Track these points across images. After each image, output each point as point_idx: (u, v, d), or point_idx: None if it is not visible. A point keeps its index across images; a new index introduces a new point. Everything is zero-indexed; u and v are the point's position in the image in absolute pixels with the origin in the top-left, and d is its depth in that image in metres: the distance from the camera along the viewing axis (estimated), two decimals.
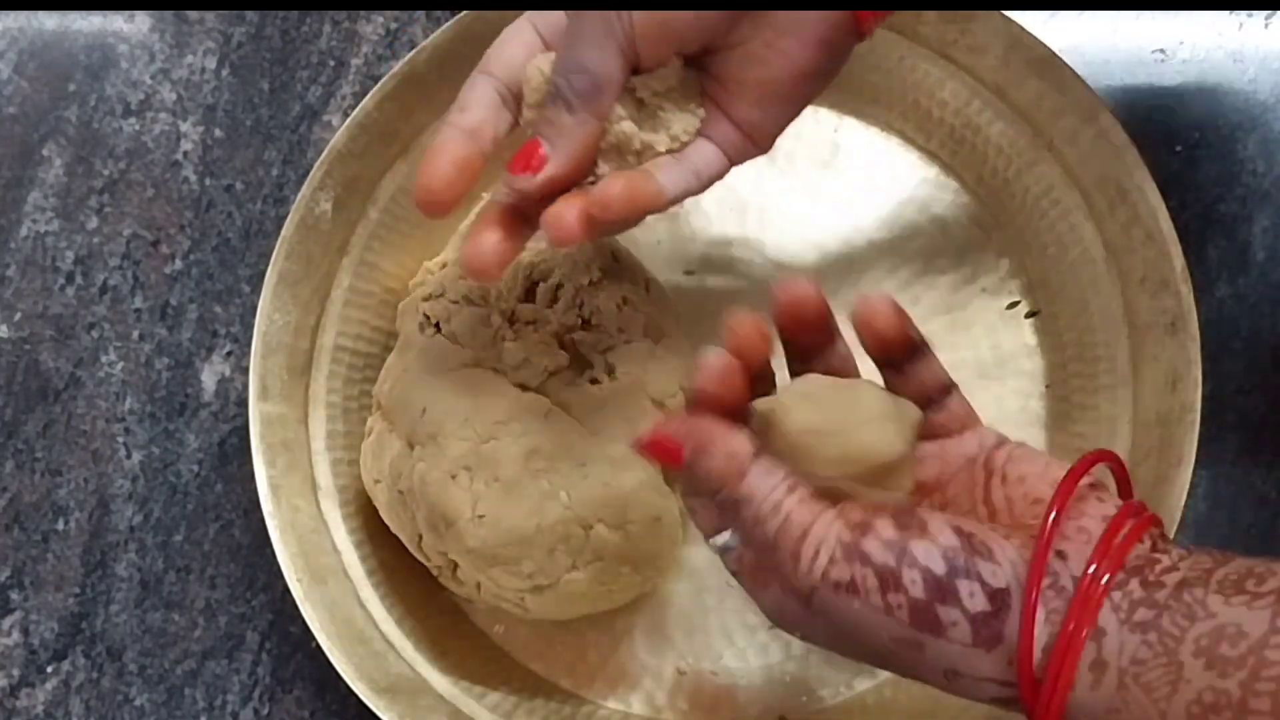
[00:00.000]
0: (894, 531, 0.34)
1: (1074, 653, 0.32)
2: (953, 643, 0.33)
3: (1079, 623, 0.32)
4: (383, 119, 0.54)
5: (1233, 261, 0.56)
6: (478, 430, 0.48)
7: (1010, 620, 0.33)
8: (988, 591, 0.33)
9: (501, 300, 0.51)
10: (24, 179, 0.61)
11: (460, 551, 0.49)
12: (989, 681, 0.34)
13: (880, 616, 0.34)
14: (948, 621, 0.33)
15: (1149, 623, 0.32)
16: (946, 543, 0.34)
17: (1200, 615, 0.32)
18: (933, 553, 0.34)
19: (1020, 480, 0.37)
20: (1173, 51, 0.58)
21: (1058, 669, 0.32)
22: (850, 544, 0.34)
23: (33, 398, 0.59)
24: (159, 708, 0.56)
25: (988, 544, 0.34)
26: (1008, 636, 0.33)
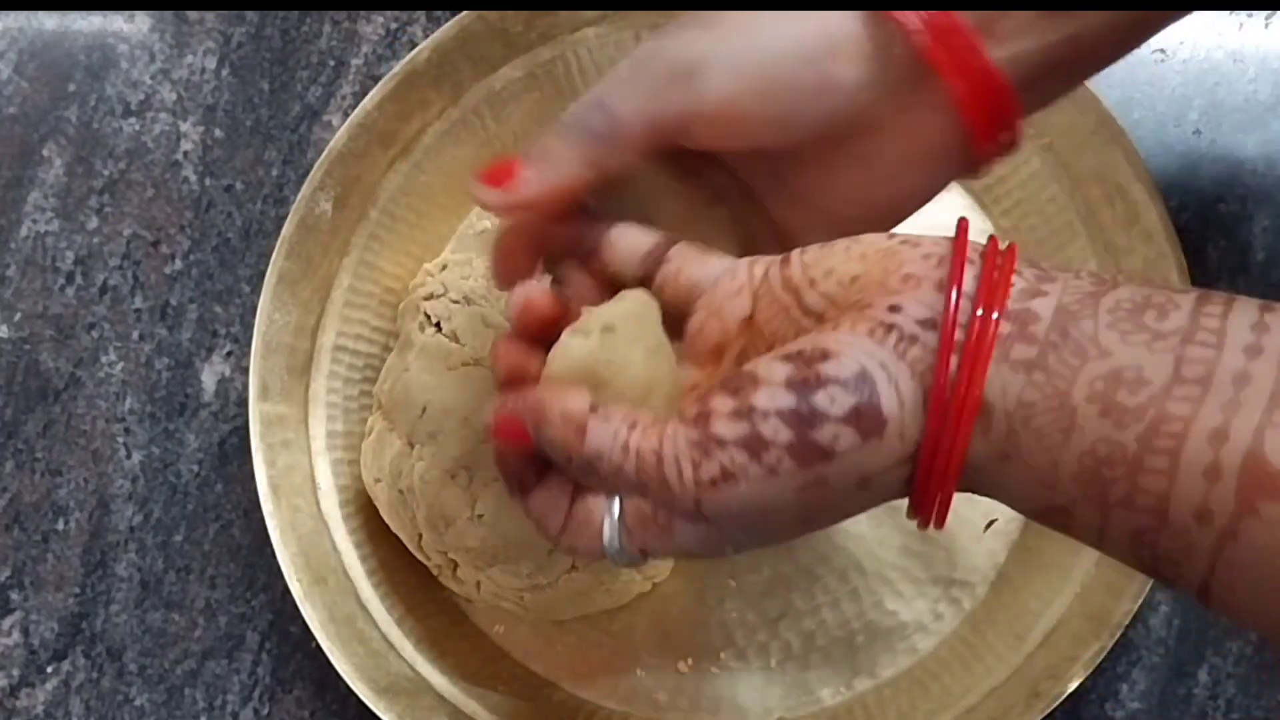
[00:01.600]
0: (731, 400, 0.32)
1: (973, 397, 0.30)
2: (845, 453, 0.31)
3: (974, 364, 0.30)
4: (383, 119, 0.54)
5: (1233, 261, 0.56)
6: (477, 430, 0.48)
7: (884, 396, 0.31)
8: (846, 386, 0.31)
9: (502, 300, 0.51)
10: (24, 179, 0.61)
11: (460, 551, 0.49)
12: (897, 466, 0.32)
13: (771, 482, 0.32)
14: (828, 440, 0.31)
15: (1032, 362, 0.30)
16: (782, 375, 0.32)
17: (1092, 354, 0.29)
18: (774, 392, 0.31)
19: (829, 274, 0.34)
20: (1173, 51, 0.58)
21: (957, 416, 0.30)
22: (701, 439, 0.32)
23: (33, 398, 0.59)
24: (159, 708, 0.56)
25: (819, 347, 0.32)
26: (889, 413, 0.31)
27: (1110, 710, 0.52)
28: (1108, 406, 0.29)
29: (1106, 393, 0.29)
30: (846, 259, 0.34)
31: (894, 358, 0.31)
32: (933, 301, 0.31)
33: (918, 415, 0.31)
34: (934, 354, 0.31)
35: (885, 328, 0.31)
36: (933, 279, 0.32)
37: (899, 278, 0.32)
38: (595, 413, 0.34)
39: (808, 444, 0.31)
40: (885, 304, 0.32)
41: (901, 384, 0.31)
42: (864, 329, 0.31)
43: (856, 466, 0.31)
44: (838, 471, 0.31)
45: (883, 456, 0.31)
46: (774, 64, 0.35)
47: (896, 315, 0.31)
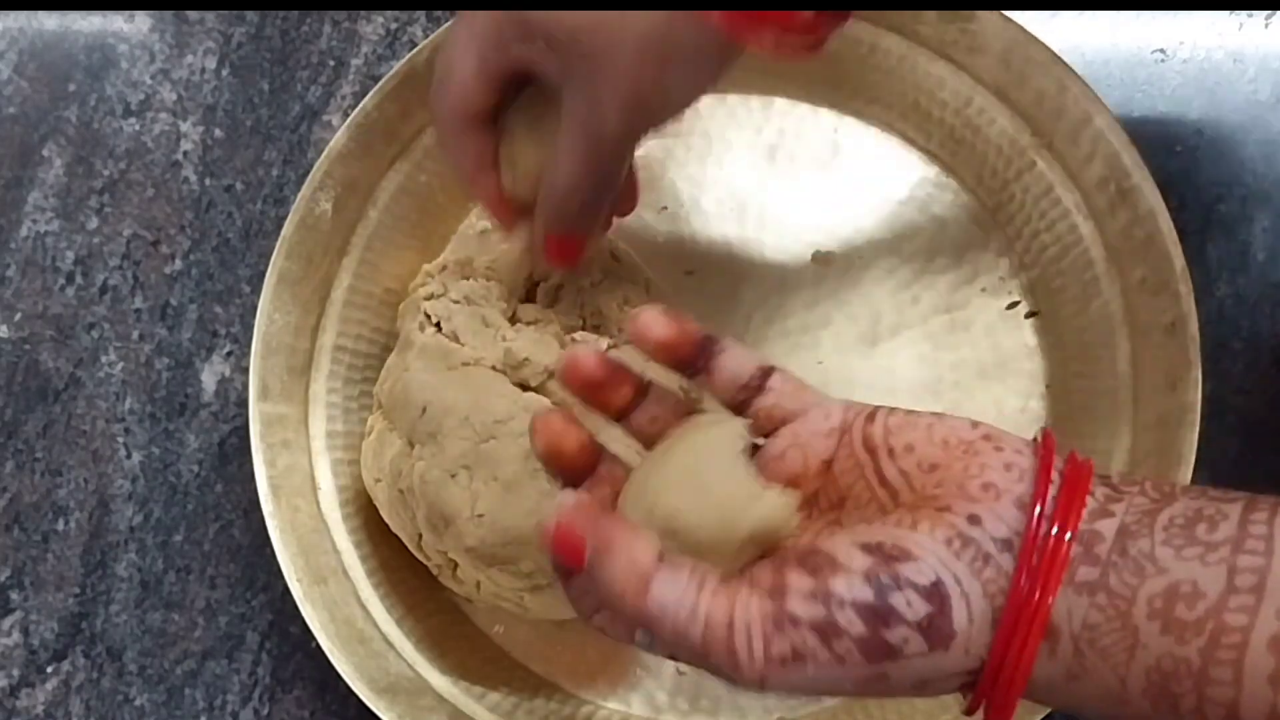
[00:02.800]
0: (809, 580, 0.32)
1: (1040, 621, 0.31)
2: (911, 658, 0.32)
3: (1044, 588, 0.31)
4: (383, 119, 0.54)
5: (1233, 261, 0.56)
6: (477, 429, 0.48)
7: (955, 610, 0.32)
8: (922, 593, 0.32)
9: (502, 300, 0.51)
10: (24, 179, 0.61)
11: (459, 550, 0.49)
12: (955, 675, 0.33)
13: (835, 668, 0.32)
14: (898, 642, 0.32)
15: (1096, 583, 0.31)
16: (861, 566, 0.32)
17: (1150, 571, 0.30)
18: (854, 582, 0.32)
19: (909, 450, 0.34)
20: (1173, 51, 0.58)
21: (1023, 640, 0.31)
22: (775, 614, 0.32)
23: (33, 398, 0.59)
24: (159, 708, 0.56)
25: (899, 545, 0.32)
26: (958, 629, 0.32)
27: None
28: (1168, 623, 0.30)
29: (1166, 609, 0.30)
30: (929, 441, 0.34)
31: (969, 574, 0.32)
32: (1011, 520, 0.32)
33: (985, 633, 0.32)
34: (1007, 577, 0.32)
35: (963, 540, 0.32)
36: (1013, 494, 0.32)
37: (979, 484, 0.33)
38: (663, 564, 0.33)
39: (879, 641, 0.32)
40: (965, 512, 0.32)
41: (973, 601, 0.32)
42: (942, 536, 0.32)
43: (918, 671, 0.32)
44: (900, 671, 0.32)
45: (945, 666, 0.32)
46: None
47: (975, 529, 0.32)
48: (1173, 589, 0.30)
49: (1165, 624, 0.30)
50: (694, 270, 0.57)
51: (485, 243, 0.58)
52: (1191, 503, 0.31)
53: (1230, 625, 0.29)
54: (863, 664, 0.32)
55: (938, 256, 0.57)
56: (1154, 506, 0.32)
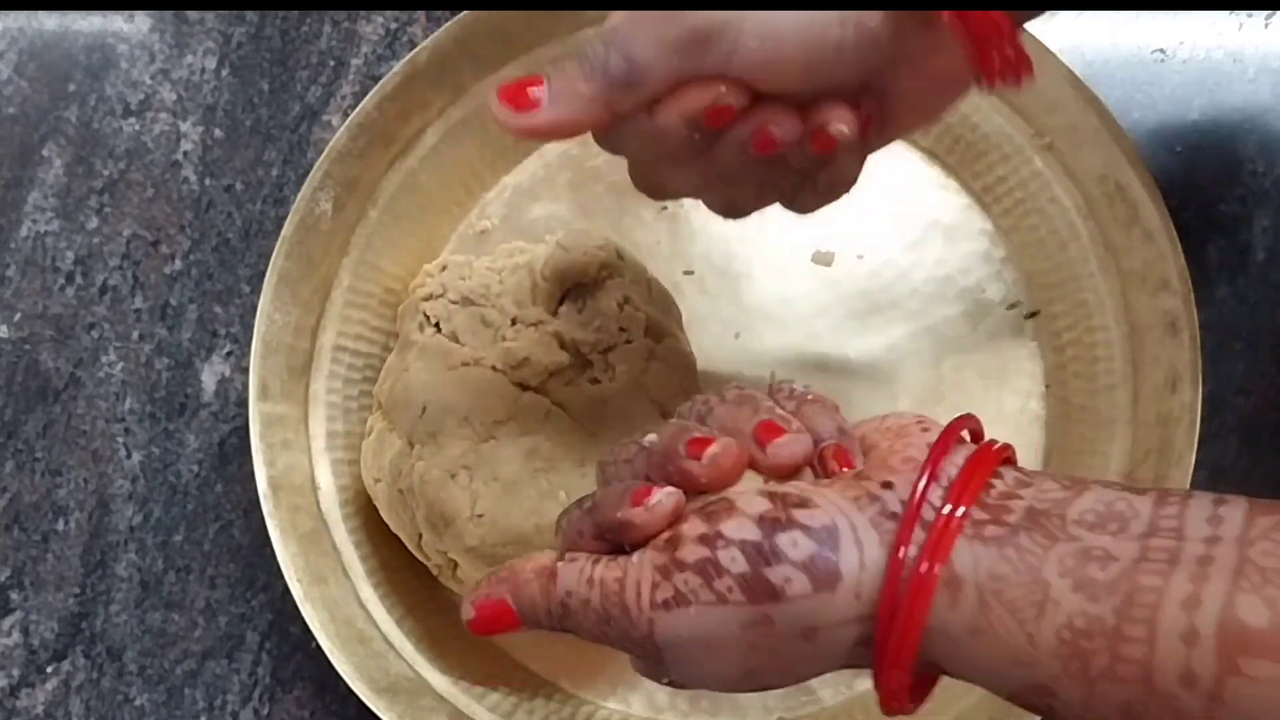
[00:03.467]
0: (702, 524, 0.33)
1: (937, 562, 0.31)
2: (794, 599, 0.31)
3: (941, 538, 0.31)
4: (383, 119, 0.54)
5: (1233, 261, 0.56)
6: (477, 429, 0.48)
7: (845, 553, 0.31)
8: (811, 534, 0.32)
9: (502, 300, 0.51)
10: (24, 179, 0.61)
11: (459, 550, 0.49)
12: (846, 624, 0.32)
13: (718, 610, 0.32)
14: (780, 580, 0.31)
15: (1004, 538, 0.31)
16: (758, 510, 0.32)
17: (1061, 537, 0.30)
18: (744, 524, 0.32)
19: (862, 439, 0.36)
20: (1173, 51, 0.58)
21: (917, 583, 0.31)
22: (664, 563, 0.33)
23: (33, 398, 0.59)
24: (159, 708, 0.56)
25: (801, 495, 0.33)
26: (845, 570, 0.31)
27: None
28: (1080, 581, 0.30)
29: (1078, 569, 0.30)
30: (876, 429, 0.36)
31: (867, 524, 0.32)
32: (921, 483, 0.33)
33: (878, 579, 0.32)
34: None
35: (870, 497, 0.33)
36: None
37: (901, 458, 0.34)
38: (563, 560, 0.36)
39: (760, 579, 0.32)
40: (880, 479, 0.33)
41: (867, 547, 0.32)
42: (851, 494, 0.33)
43: (805, 614, 0.32)
44: (785, 615, 0.32)
45: (833, 611, 0.32)
46: (811, 25, 0.36)
47: (885, 491, 0.33)
48: (1084, 552, 0.30)
49: (1078, 582, 0.30)
50: (694, 270, 0.57)
51: (485, 243, 0.58)
52: (1104, 494, 0.31)
53: (1144, 585, 0.29)
54: (745, 604, 0.32)
55: (937, 256, 0.57)
56: (1065, 496, 0.32)
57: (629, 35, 0.37)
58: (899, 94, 0.39)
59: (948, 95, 0.41)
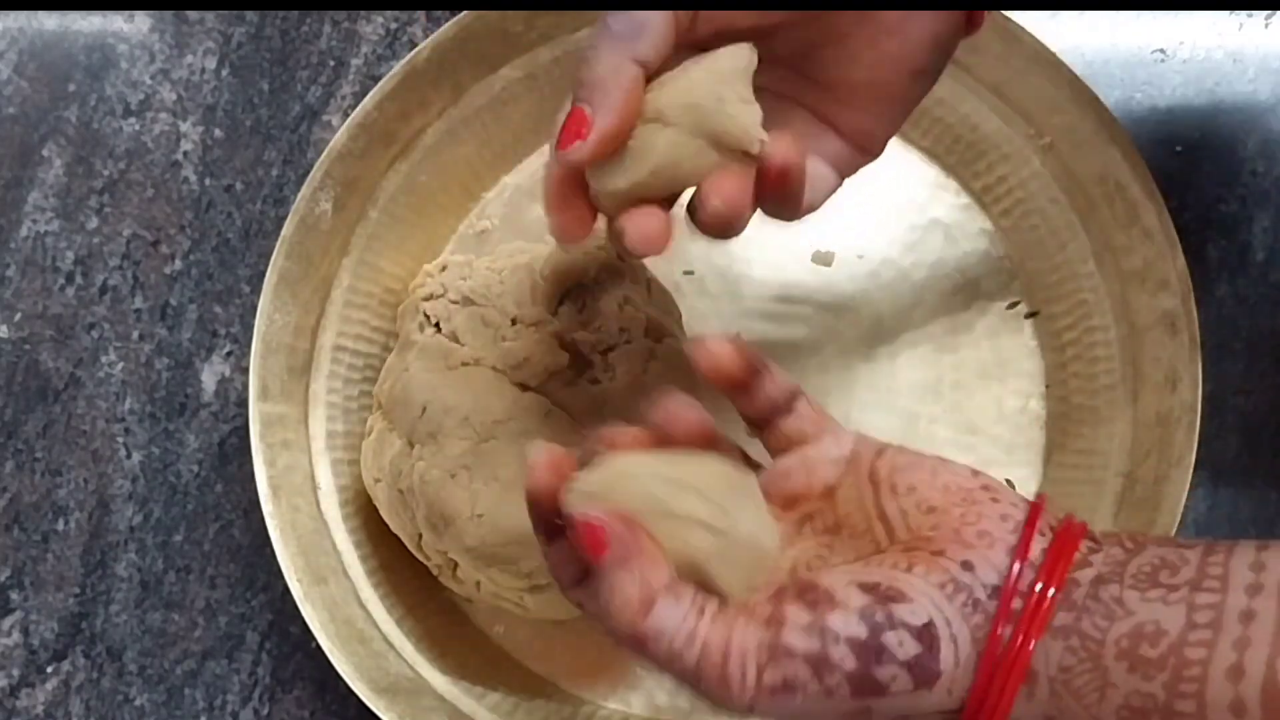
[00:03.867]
0: (806, 614, 0.33)
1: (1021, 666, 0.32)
2: (897, 695, 0.33)
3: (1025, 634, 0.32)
4: (383, 119, 0.54)
5: (1233, 261, 0.56)
6: (477, 429, 0.48)
7: (944, 652, 0.33)
8: (914, 633, 0.33)
9: (502, 300, 0.51)
10: (24, 179, 0.61)
11: (459, 550, 0.49)
12: (935, 715, 0.34)
13: (823, 701, 0.33)
14: (886, 679, 0.33)
15: (1070, 627, 0.32)
16: (858, 604, 0.33)
17: (1118, 614, 0.32)
18: (850, 620, 0.33)
19: (911, 490, 0.36)
20: (1173, 51, 0.58)
21: (1002, 683, 0.32)
22: (771, 644, 0.33)
23: (33, 398, 0.59)
24: (159, 708, 0.56)
25: (895, 587, 0.33)
26: (944, 668, 0.33)
27: None
28: (1135, 662, 0.31)
29: (1132, 649, 0.31)
30: (930, 485, 0.36)
31: (959, 617, 0.33)
32: (1003, 568, 0.33)
33: (968, 675, 0.33)
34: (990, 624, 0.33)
35: (956, 585, 0.33)
36: (1007, 543, 0.34)
37: (975, 532, 0.34)
38: (669, 588, 0.34)
39: (868, 677, 0.33)
40: (959, 558, 0.34)
41: (960, 644, 0.33)
42: (936, 579, 0.33)
43: (901, 708, 0.33)
44: (883, 707, 0.33)
45: (928, 704, 0.33)
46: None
47: (967, 574, 0.33)
48: (1138, 629, 0.31)
49: (1132, 663, 0.31)
50: (694, 270, 0.57)
51: (485, 243, 0.58)
52: (1158, 550, 0.33)
53: (1190, 659, 0.30)
54: (849, 698, 0.33)
55: (937, 256, 0.57)
56: (1126, 556, 0.33)
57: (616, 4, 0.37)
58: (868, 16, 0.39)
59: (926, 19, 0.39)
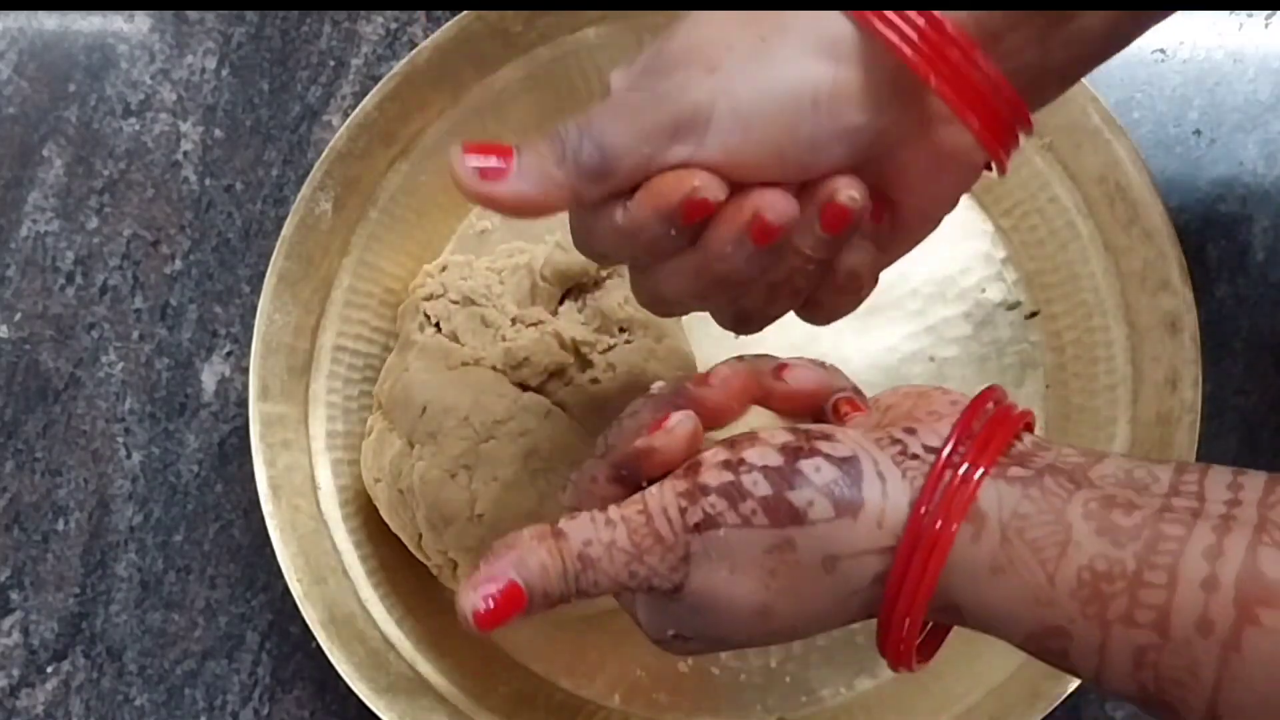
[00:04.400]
0: (725, 452, 0.34)
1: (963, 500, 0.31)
2: (816, 523, 0.32)
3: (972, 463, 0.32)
4: (383, 119, 0.54)
5: (1233, 261, 0.56)
6: (477, 429, 0.48)
7: (867, 482, 0.32)
8: (833, 461, 0.32)
9: (502, 300, 0.51)
10: (24, 179, 0.61)
11: (459, 550, 0.49)
12: (867, 554, 0.32)
13: (742, 533, 0.32)
14: (803, 503, 0.32)
15: (1028, 479, 0.31)
16: (780, 440, 0.33)
17: (1085, 485, 0.31)
18: (767, 451, 0.33)
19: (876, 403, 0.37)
20: (1173, 51, 0.58)
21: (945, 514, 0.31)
22: (687, 488, 0.33)
23: (33, 398, 0.59)
24: (159, 708, 0.56)
25: (824, 432, 0.34)
26: (868, 499, 0.32)
27: (1110, 710, 0.52)
28: (1104, 525, 0.30)
29: (1101, 512, 0.30)
30: (892, 394, 0.37)
31: (889, 461, 0.33)
32: (945, 433, 0.33)
33: (902, 512, 0.32)
34: (930, 466, 0.32)
35: (891, 439, 0.34)
36: (952, 417, 0.34)
37: (925, 411, 0.35)
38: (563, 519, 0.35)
39: (782, 500, 0.32)
40: (902, 425, 0.34)
41: (889, 480, 0.32)
42: (873, 436, 0.34)
43: (825, 540, 0.32)
44: (806, 540, 0.32)
45: (854, 539, 0.32)
46: (782, 114, 0.33)
47: (908, 435, 0.34)
48: (1109, 498, 0.30)
49: (1101, 526, 0.30)
50: None
51: (485, 243, 0.58)
52: (1123, 461, 0.32)
53: (1167, 533, 0.29)
54: (768, 526, 0.32)
55: (937, 256, 0.57)
56: (1085, 461, 0.32)
57: (601, 123, 0.34)
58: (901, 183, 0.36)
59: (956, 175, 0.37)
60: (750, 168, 0.34)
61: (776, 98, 0.33)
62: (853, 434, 0.34)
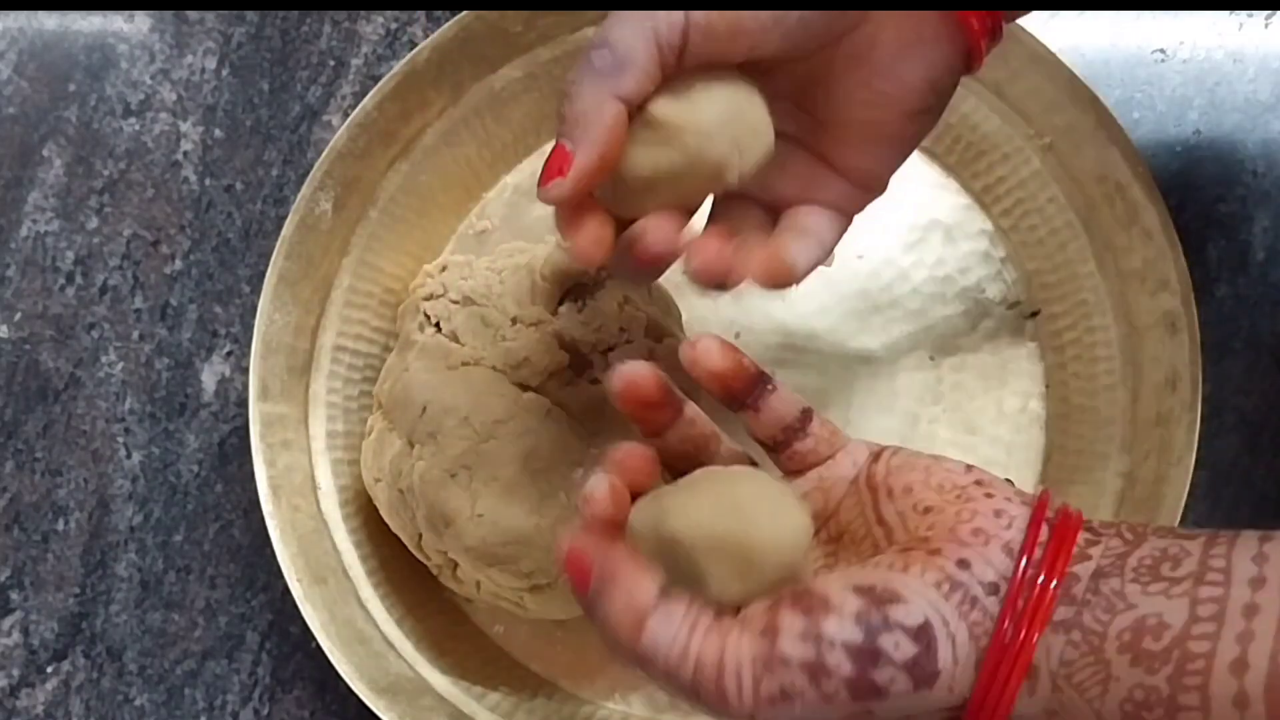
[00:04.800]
0: (801, 620, 0.33)
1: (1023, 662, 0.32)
2: (897, 696, 0.33)
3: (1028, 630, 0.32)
4: (383, 119, 0.54)
5: (1233, 261, 0.56)
6: (477, 429, 0.48)
7: (941, 651, 0.33)
8: (910, 634, 0.33)
9: (502, 300, 0.51)
10: (24, 179, 0.61)
11: (459, 550, 0.49)
12: (939, 713, 0.33)
13: (822, 707, 0.33)
14: (885, 681, 0.33)
15: (1071, 621, 0.32)
16: (853, 608, 0.33)
17: (1120, 608, 0.31)
18: (844, 624, 0.33)
19: (907, 491, 0.36)
20: (1173, 51, 0.58)
21: (1005, 678, 0.32)
22: (766, 655, 0.33)
23: (33, 398, 0.59)
24: (159, 708, 0.56)
25: (890, 588, 0.33)
26: (943, 667, 0.33)
27: None
28: (1138, 655, 0.31)
29: (1134, 642, 0.31)
30: (925, 485, 0.36)
31: (956, 616, 0.33)
32: (998, 564, 0.33)
33: (969, 672, 0.33)
34: (992, 619, 0.33)
35: (952, 583, 0.33)
36: (1001, 540, 0.34)
37: (969, 530, 0.34)
38: (659, 608, 0.34)
39: (866, 681, 0.33)
40: (955, 556, 0.34)
41: (959, 642, 0.33)
42: (932, 579, 0.33)
43: (903, 708, 0.33)
44: (884, 708, 0.33)
45: (929, 704, 0.33)
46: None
47: (964, 572, 0.33)
48: (1140, 622, 0.31)
49: (1135, 656, 0.31)
50: None
51: (485, 243, 0.58)
52: (1159, 542, 0.33)
53: (1194, 652, 0.30)
54: (849, 702, 0.33)
55: (937, 256, 0.57)
56: (1126, 549, 0.33)
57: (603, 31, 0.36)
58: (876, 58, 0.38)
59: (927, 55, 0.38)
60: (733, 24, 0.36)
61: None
62: (916, 586, 0.33)
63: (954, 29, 0.38)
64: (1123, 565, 0.32)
